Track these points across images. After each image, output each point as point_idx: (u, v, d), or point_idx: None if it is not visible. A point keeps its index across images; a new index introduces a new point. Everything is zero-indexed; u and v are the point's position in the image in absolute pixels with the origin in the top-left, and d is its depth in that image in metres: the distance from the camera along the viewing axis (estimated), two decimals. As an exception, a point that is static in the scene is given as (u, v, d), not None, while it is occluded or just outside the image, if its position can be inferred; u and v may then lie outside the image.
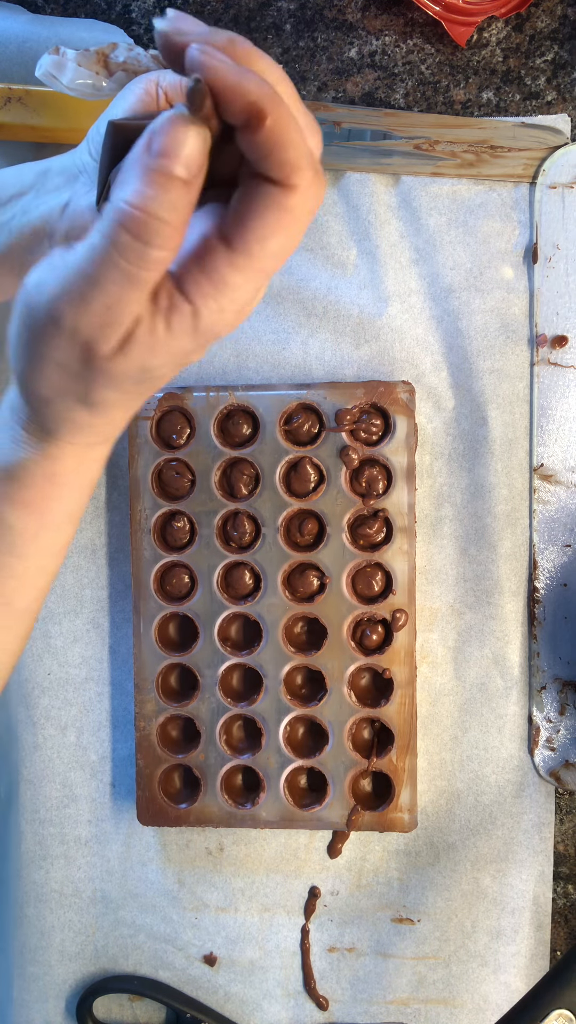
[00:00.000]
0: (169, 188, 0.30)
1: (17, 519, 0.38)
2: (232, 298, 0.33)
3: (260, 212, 0.32)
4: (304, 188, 0.32)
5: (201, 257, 0.32)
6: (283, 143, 0.31)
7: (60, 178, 0.47)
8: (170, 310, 0.32)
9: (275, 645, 0.61)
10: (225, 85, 0.30)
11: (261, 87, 0.30)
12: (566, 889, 0.63)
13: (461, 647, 0.62)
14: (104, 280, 0.31)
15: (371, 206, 0.61)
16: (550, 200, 0.61)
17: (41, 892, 0.65)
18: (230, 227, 0.32)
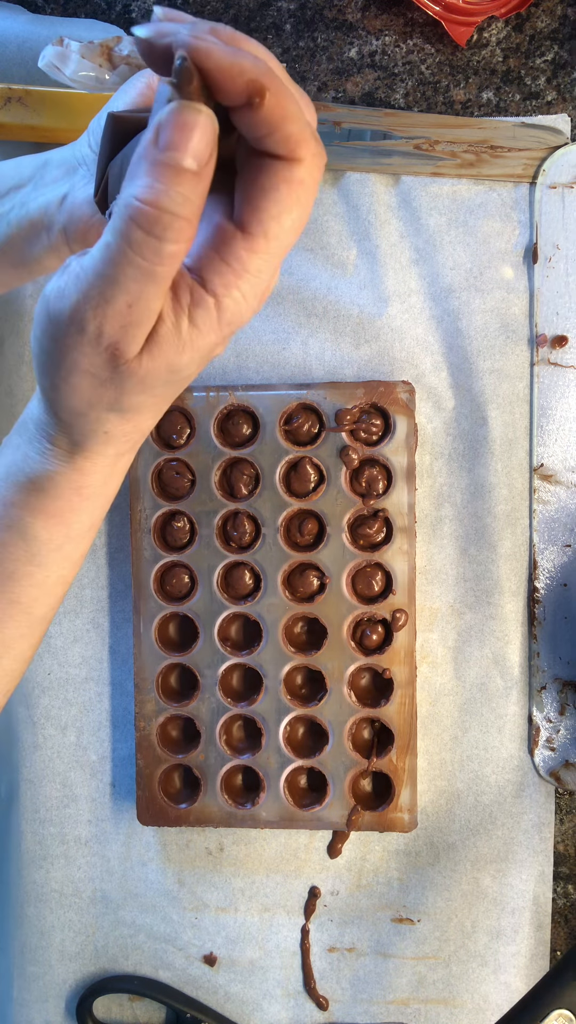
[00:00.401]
0: (180, 181, 0.29)
1: (42, 529, 0.38)
2: (254, 283, 0.32)
3: (271, 191, 0.31)
4: (310, 158, 0.31)
5: (219, 247, 0.32)
6: (285, 117, 0.30)
7: (59, 170, 0.47)
8: (193, 306, 0.32)
9: (275, 645, 0.61)
10: (220, 66, 0.29)
11: (257, 63, 0.30)
12: (566, 889, 0.63)
13: (461, 647, 0.62)
14: (122, 279, 0.30)
15: (371, 206, 0.61)
16: (550, 200, 0.61)
17: (41, 892, 0.65)
18: (243, 212, 0.32)
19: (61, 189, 0.46)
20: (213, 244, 0.32)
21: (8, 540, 0.38)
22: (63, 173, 0.47)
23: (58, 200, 0.46)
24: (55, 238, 0.46)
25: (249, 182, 0.32)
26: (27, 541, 0.38)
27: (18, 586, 0.39)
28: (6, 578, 0.39)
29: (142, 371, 0.33)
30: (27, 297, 0.63)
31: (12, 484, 0.37)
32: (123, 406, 0.34)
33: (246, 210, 0.32)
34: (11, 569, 0.38)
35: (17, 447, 0.37)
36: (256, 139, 0.31)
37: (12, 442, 0.38)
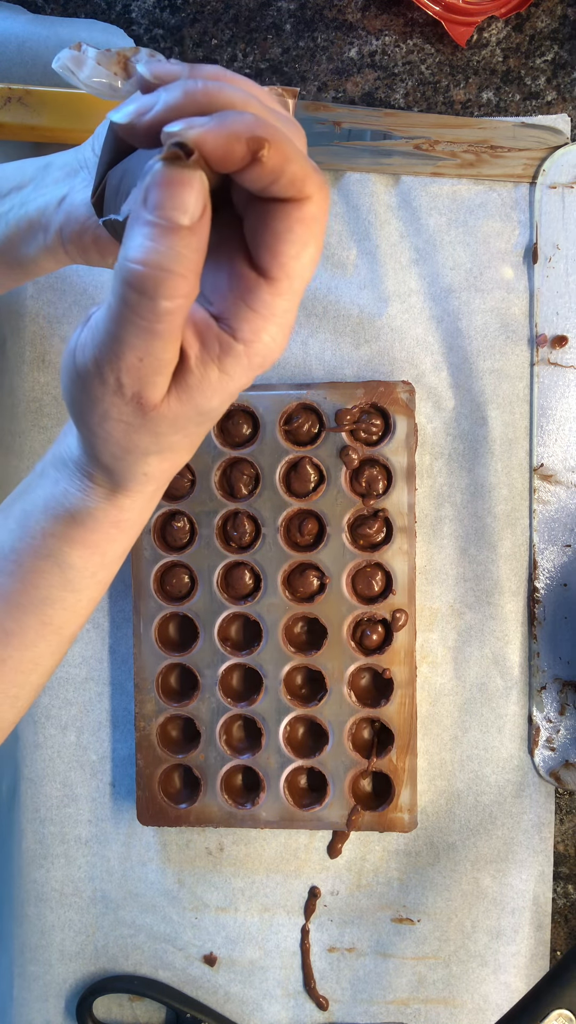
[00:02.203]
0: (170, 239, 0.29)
1: (79, 559, 0.39)
2: (282, 323, 0.33)
3: (286, 233, 0.31)
4: (317, 192, 0.31)
5: (244, 295, 0.32)
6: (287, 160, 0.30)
7: (60, 172, 0.47)
8: (223, 354, 0.32)
9: (275, 645, 0.61)
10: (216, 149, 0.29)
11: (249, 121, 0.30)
12: (566, 889, 0.63)
13: (461, 647, 0.62)
14: (126, 336, 0.31)
15: (371, 206, 0.61)
16: (550, 200, 0.61)
17: (41, 891, 0.65)
18: (263, 259, 0.32)
19: (61, 190, 0.46)
20: (238, 293, 0.32)
21: (44, 568, 0.39)
22: (64, 175, 0.47)
23: (57, 201, 0.46)
24: (51, 239, 0.47)
25: (262, 228, 0.32)
26: (63, 569, 0.39)
27: (52, 609, 0.40)
28: (41, 602, 0.39)
29: (171, 415, 0.33)
30: (28, 298, 0.63)
31: (52, 516, 0.38)
32: (159, 448, 0.35)
33: (265, 256, 0.32)
34: (46, 594, 0.39)
35: (56, 481, 0.38)
36: (260, 188, 0.31)
37: (50, 475, 0.38)
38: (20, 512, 0.39)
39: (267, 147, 0.30)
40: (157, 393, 0.32)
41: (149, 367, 0.32)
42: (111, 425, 0.34)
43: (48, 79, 0.60)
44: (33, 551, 0.38)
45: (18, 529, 0.39)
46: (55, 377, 0.63)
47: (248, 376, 0.34)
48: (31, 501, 0.39)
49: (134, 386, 0.32)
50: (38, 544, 0.38)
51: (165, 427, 0.34)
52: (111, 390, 0.32)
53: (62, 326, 0.63)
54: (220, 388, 0.33)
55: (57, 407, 0.63)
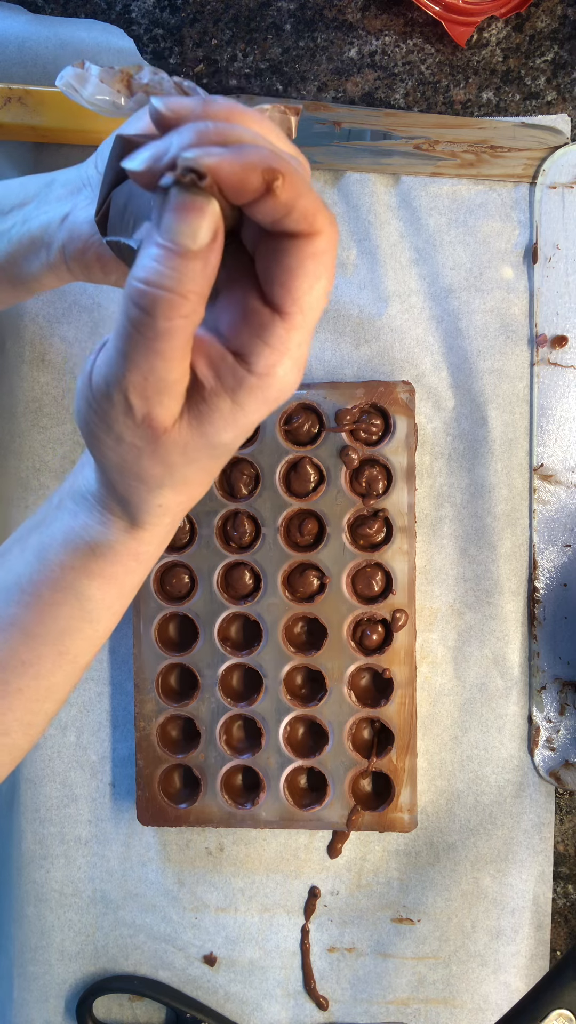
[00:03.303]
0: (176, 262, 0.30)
1: (97, 590, 0.39)
2: (296, 356, 0.33)
3: (298, 269, 0.32)
4: (327, 226, 0.32)
5: (259, 331, 0.32)
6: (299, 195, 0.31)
7: (64, 189, 0.47)
8: (237, 386, 0.33)
9: (275, 645, 0.61)
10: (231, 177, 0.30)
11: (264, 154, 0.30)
12: (566, 889, 0.63)
13: (461, 647, 0.62)
14: (131, 353, 0.31)
15: (371, 206, 0.61)
16: (550, 200, 0.61)
17: (41, 891, 0.65)
18: (276, 295, 0.32)
19: (64, 208, 0.46)
20: (252, 328, 0.32)
21: (63, 600, 0.39)
22: (67, 192, 0.47)
23: (60, 218, 0.46)
24: (54, 256, 0.47)
25: (274, 264, 0.32)
26: (81, 601, 0.39)
27: (69, 639, 0.40)
28: (58, 633, 0.39)
29: (182, 442, 0.34)
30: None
31: (71, 550, 0.38)
32: (173, 480, 0.35)
33: (278, 292, 0.32)
34: (64, 625, 0.39)
35: (75, 514, 0.38)
36: (272, 222, 0.31)
37: (68, 507, 0.39)
38: (38, 544, 0.39)
39: (281, 179, 0.30)
40: (167, 416, 0.33)
41: (154, 386, 0.32)
42: (124, 450, 0.34)
43: (48, 79, 0.60)
44: (51, 584, 0.39)
45: (36, 561, 0.39)
46: (55, 377, 0.63)
47: (262, 410, 0.34)
48: (49, 534, 0.39)
49: (143, 407, 0.32)
50: (56, 577, 0.39)
51: (177, 455, 0.34)
52: (122, 410, 0.33)
53: (62, 326, 0.63)
54: (233, 420, 0.34)
55: (57, 407, 0.64)
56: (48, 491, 0.64)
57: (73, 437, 0.64)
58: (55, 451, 0.64)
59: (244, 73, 0.62)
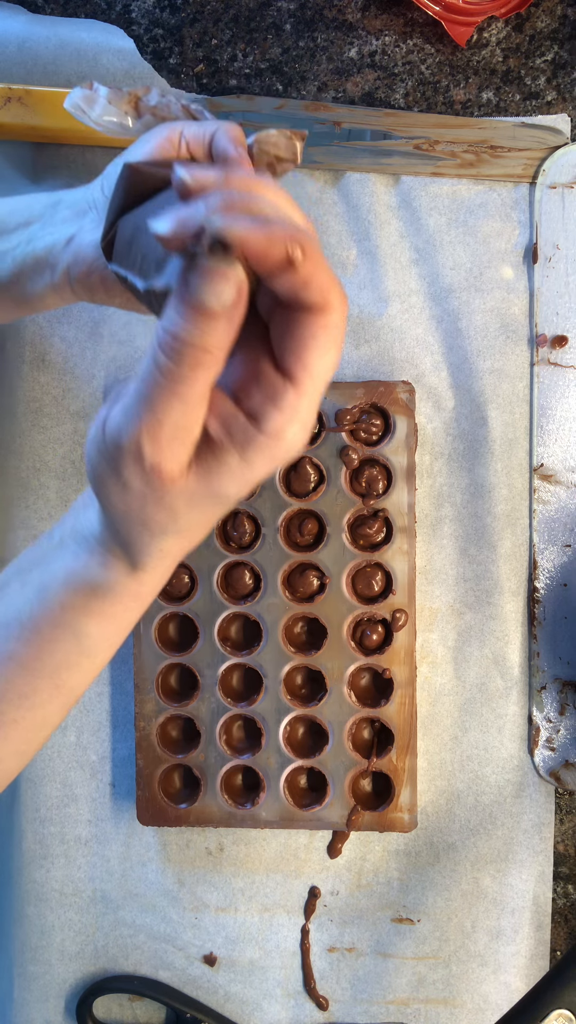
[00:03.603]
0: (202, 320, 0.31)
1: (96, 628, 0.40)
2: (304, 419, 0.35)
3: (311, 340, 0.33)
4: (339, 301, 0.33)
5: (270, 395, 0.34)
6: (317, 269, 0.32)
7: (69, 211, 0.48)
8: (246, 444, 0.34)
9: (275, 645, 0.61)
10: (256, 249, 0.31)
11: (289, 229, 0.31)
12: (566, 889, 0.63)
13: (461, 647, 0.62)
14: (152, 397, 0.33)
15: (371, 206, 0.61)
16: (550, 200, 0.61)
17: (42, 891, 0.65)
18: (288, 363, 0.34)
19: (69, 229, 0.47)
20: (264, 393, 0.34)
21: (61, 636, 0.40)
22: (73, 214, 0.47)
23: (65, 240, 0.47)
24: (58, 277, 0.47)
25: (288, 335, 0.34)
26: (79, 638, 0.40)
27: (67, 673, 0.41)
28: (57, 667, 0.40)
29: (188, 492, 0.35)
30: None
31: (71, 590, 0.39)
32: (176, 528, 0.36)
33: (290, 360, 0.34)
34: (61, 660, 0.40)
35: (76, 555, 0.39)
36: (290, 294, 0.33)
37: (69, 547, 0.39)
38: (39, 582, 0.40)
39: (301, 254, 0.31)
40: (176, 465, 0.34)
41: (169, 432, 0.33)
42: (131, 497, 0.35)
43: (48, 79, 0.60)
44: (51, 622, 0.40)
45: (36, 599, 0.40)
46: (55, 377, 0.63)
47: (268, 467, 0.35)
48: (50, 572, 0.40)
49: (154, 455, 0.34)
50: (56, 615, 0.39)
51: (182, 504, 0.35)
52: (132, 458, 0.34)
53: (62, 326, 0.63)
54: (239, 475, 0.35)
55: (57, 407, 0.64)
56: (48, 491, 0.64)
57: (73, 437, 0.64)
58: (55, 451, 0.64)
59: (244, 73, 0.62)
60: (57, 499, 0.64)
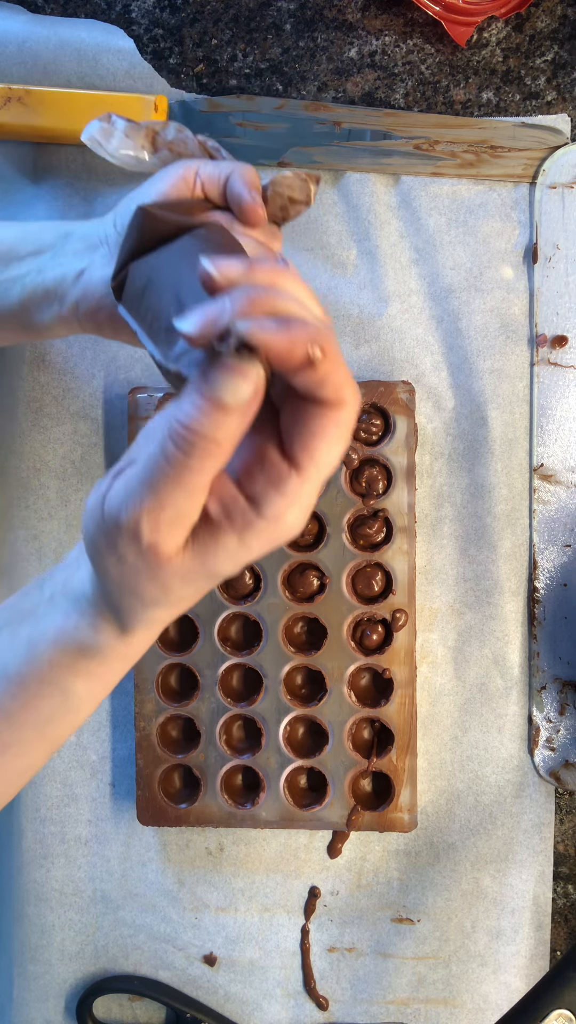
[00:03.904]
0: (216, 415, 0.32)
1: (83, 686, 0.40)
2: (305, 506, 0.35)
3: (320, 433, 0.34)
4: (352, 399, 0.34)
5: (273, 480, 0.35)
6: (335, 368, 0.33)
7: (81, 244, 0.48)
8: (245, 527, 0.35)
9: (275, 645, 0.61)
10: (281, 350, 0.32)
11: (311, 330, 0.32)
12: (566, 889, 0.63)
13: (461, 647, 0.62)
14: (156, 483, 0.33)
15: (371, 206, 0.61)
16: (550, 200, 0.61)
17: (42, 891, 0.65)
18: (295, 452, 0.35)
19: (80, 263, 0.47)
20: (268, 478, 0.35)
21: (49, 692, 0.40)
22: (84, 248, 0.48)
23: (75, 274, 0.47)
24: (67, 310, 0.48)
25: (298, 425, 0.34)
26: (66, 695, 0.40)
27: (52, 726, 0.41)
28: (42, 720, 0.41)
29: (183, 570, 0.35)
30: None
31: (61, 649, 0.40)
32: (168, 600, 0.37)
33: (298, 449, 0.34)
34: (48, 714, 0.41)
35: (67, 614, 0.39)
36: (306, 390, 0.34)
37: (60, 605, 0.40)
38: (28, 638, 0.40)
39: (321, 355, 0.32)
40: (172, 545, 0.35)
41: (170, 517, 0.34)
42: (126, 570, 0.36)
43: (48, 79, 0.60)
44: (39, 678, 0.40)
45: (26, 654, 0.40)
46: (55, 377, 0.63)
47: (264, 549, 0.36)
48: (40, 630, 0.40)
49: (151, 536, 0.34)
50: (44, 672, 0.40)
51: (176, 581, 0.36)
52: (129, 535, 0.34)
53: (62, 326, 0.63)
54: (235, 555, 0.35)
55: (57, 407, 0.64)
56: (48, 491, 0.64)
57: (73, 437, 0.64)
58: (55, 451, 0.64)
59: (244, 73, 0.62)
60: (57, 499, 0.64)
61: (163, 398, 0.61)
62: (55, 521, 0.64)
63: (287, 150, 0.61)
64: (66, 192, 0.62)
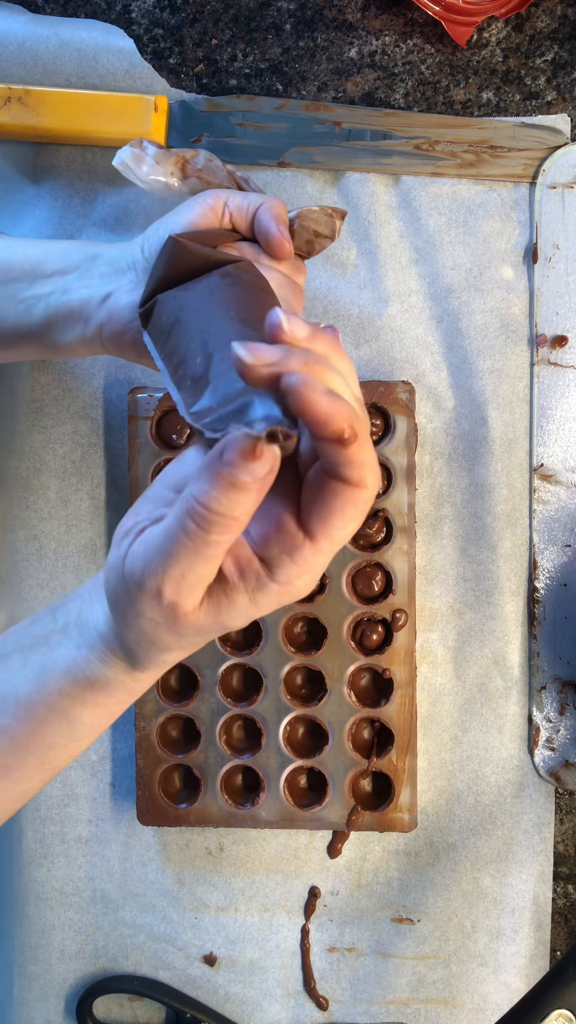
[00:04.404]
0: (233, 493, 0.33)
1: (89, 716, 0.42)
2: (316, 573, 0.37)
3: (339, 510, 0.35)
4: (374, 484, 0.35)
5: (288, 549, 0.36)
6: (362, 452, 0.34)
7: (108, 267, 0.48)
8: (257, 588, 0.37)
9: (275, 645, 0.61)
10: (317, 416, 0.33)
11: (349, 413, 0.33)
12: (566, 889, 0.63)
13: (461, 647, 0.62)
14: (176, 554, 0.35)
15: (371, 206, 0.61)
16: (550, 200, 0.61)
17: (42, 891, 0.65)
18: (312, 525, 0.36)
19: (106, 287, 0.48)
20: (282, 546, 0.36)
21: (55, 720, 0.42)
22: (112, 271, 0.48)
23: (101, 297, 0.48)
24: (91, 331, 0.48)
25: (318, 500, 0.36)
26: (72, 724, 0.42)
27: (53, 753, 0.43)
28: (46, 746, 0.42)
29: (198, 624, 0.37)
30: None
31: (71, 680, 0.41)
32: (181, 647, 0.39)
33: (314, 523, 0.36)
34: (52, 741, 0.42)
35: (79, 646, 0.41)
36: (331, 466, 0.35)
37: (73, 637, 0.41)
38: (40, 666, 0.41)
39: (354, 437, 0.34)
40: (190, 604, 0.36)
41: (189, 582, 0.36)
42: (143, 621, 0.37)
43: (48, 79, 0.60)
44: (47, 706, 0.41)
45: (36, 682, 0.41)
46: (55, 377, 0.63)
47: (272, 607, 0.38)
48: (52, 659, 0.41)
49: (172, 596, 0.36)
50: (53, 700, 0.41)
51: (190, 632, 0.38)
52: (151, 595, 0.36)
53: (62, 326, 0.63)
54: (246, 612, 0.37)
55: (57, 407, 0.64)
56: (48, 491, 0.64)
57: (73, 437, 0.64)
58: (55, 451, 0.64)
59: (244, 73, 0.62)
60: (57, 499, 0.64)
61: (163, 398, 0.61)
62: (55, 521, 0.64)
63: (287, 150, 0.61)
64: (66, 192, 0.62)
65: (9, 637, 0.43)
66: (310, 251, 0.49)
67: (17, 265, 0.49)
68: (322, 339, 0.35)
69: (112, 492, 0.64)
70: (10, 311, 0.50)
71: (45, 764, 0.43)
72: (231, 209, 0.47)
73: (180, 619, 0.37)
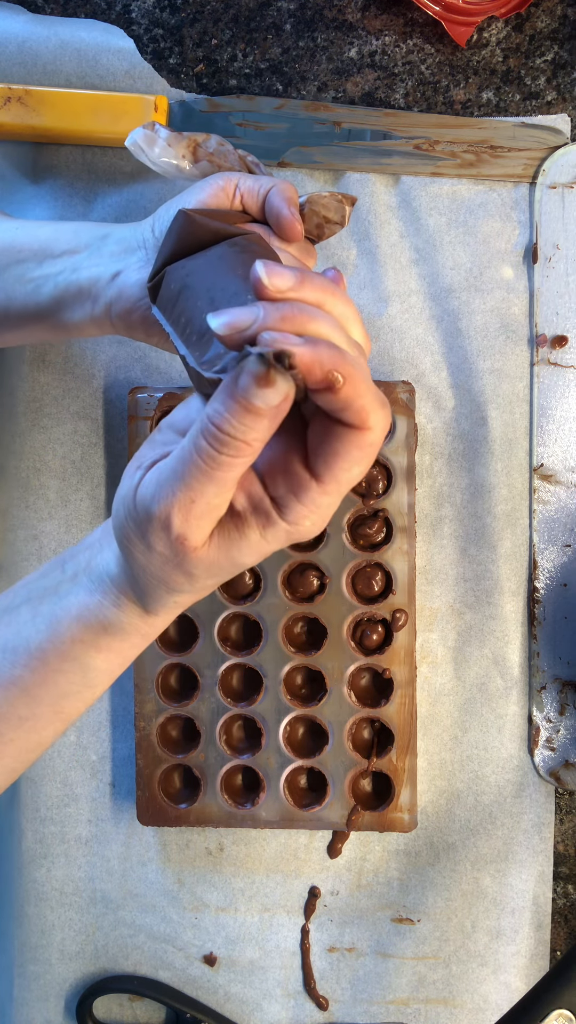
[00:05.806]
0: (246, 416, 0.33)
1: (103, 662, 0.42)
2: (323, 514, 0.37)
3: (343, 453, 0.35)
4: (378, 424, 0.35)
5: (295, 490, 0.36)
6: (357, 395, 0.34)
7: (118, 246, 0.49)
8: (268, 524, 0.37)
9: (275, 645, 0.61)
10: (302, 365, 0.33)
11: (333, 357, 0.33)
12: (566, 889, 0.63)
13: (461, 647, 0.62)
14: (188, 477, 0.35)
15: (371, 206, 0.61)
16: (550, 200, 0.61)
17: (42, 890, 0.65)
18: (318, 467, 0.36)
19: (116, 265, 0.48)
20: (290, 486, 0.36)
21: (68, 668, 0.41)
22: (121, 250, 0.48)
23: (111, 275, 0.48)
24: (99, 310, 0.48)
25: (323, 445, 0.36)
26: (85, 671, 0.42)
27: (67, 701, 0.42)
28: (60, 695, 0.42)
29: (208, 560, 0.37)
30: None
31: (83, 625, 0.41)
32: (192, 587, 0.39)
33: (320, 466, 0.36)
34: (65, 690, 0.42)
35: (91, 592, 0.41)
36: (331, 411, 0.35)
37: (83, 584, 0.41)
38: (50, 614, 0.41)
39: (341, 381, 0.34)
40: (199, 537, 0.36)
41: (199, 509, 0.35)
42: (153, 557, 0.37)
43: (48, 79, 0.60)
44: (60, 653, 0.41)
45: (47, 630, 0.41)
46: (55, 377, 0.63)
47: (284, 544, 0.38)
48: (63, 607, 0.41)
49: (181, 527, 0.36)
50: (66, 648, 0.41)
51: (200, 570, 0.38)
52: (160, 524, 0.36)
53: (62, 326, 0.63)
54: (256, 548, 0.38)
55: (57, 407, 0.64)
56: (48, 491, 0.64)
57: (73, 437, 0.64)
58: (55, 451, 0.64)
59: (244, 73, 0.62)
60: (57, 499, 0.64)
61: (163, 398, 0.61)
62: (55, 521, 0.64)
63: (287, 150, 0.61)
64: (66, 192, 0.62)
65: (18, 590, 0.43)
66: (320, 236, 0.49)
67: (27, 246, 0.50)
68: (310, 285, 0.35)
69: (112, 492, 0.64)
70: (19, 291, 0.50)
71: (59, 713, 0.43)
72: (242, 191, 0.47)
73: (189, 554, 0.37)
